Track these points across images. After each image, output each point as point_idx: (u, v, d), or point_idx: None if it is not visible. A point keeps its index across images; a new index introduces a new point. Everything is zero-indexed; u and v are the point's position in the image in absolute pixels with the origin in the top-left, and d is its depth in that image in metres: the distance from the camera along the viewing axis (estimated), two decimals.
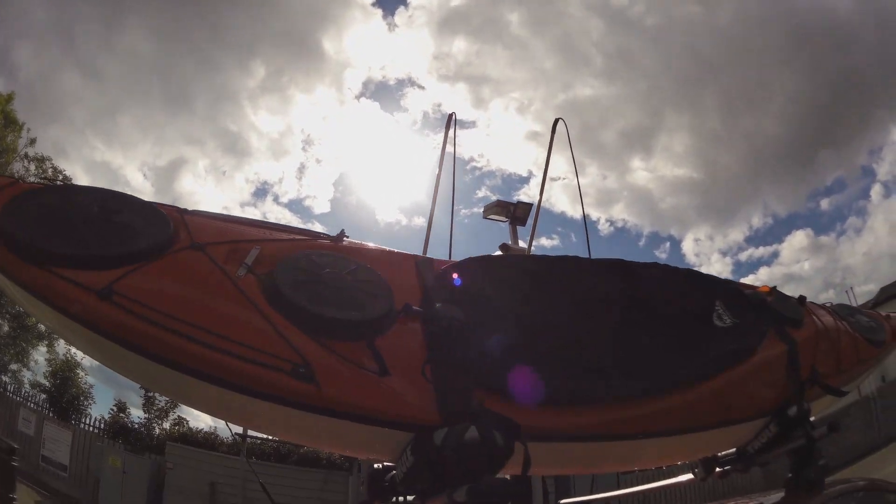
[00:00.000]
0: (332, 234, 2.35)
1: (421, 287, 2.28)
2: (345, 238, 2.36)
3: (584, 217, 4.06)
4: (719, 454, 3.27)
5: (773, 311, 3.18)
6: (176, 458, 13.15)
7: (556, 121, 5.50)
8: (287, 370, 1.73)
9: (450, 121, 5.72)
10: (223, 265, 1.91)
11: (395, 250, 2.54)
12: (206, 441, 14.60)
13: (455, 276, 2.46)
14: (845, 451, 14.23)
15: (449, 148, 5.46)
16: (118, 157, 40.71)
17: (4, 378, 16.31)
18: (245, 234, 2.14)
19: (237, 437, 9.75)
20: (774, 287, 3.39)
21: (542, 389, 2.18)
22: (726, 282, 3.40)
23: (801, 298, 3.50)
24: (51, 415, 15.24)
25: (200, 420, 19.33)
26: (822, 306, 3.71)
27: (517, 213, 8.43)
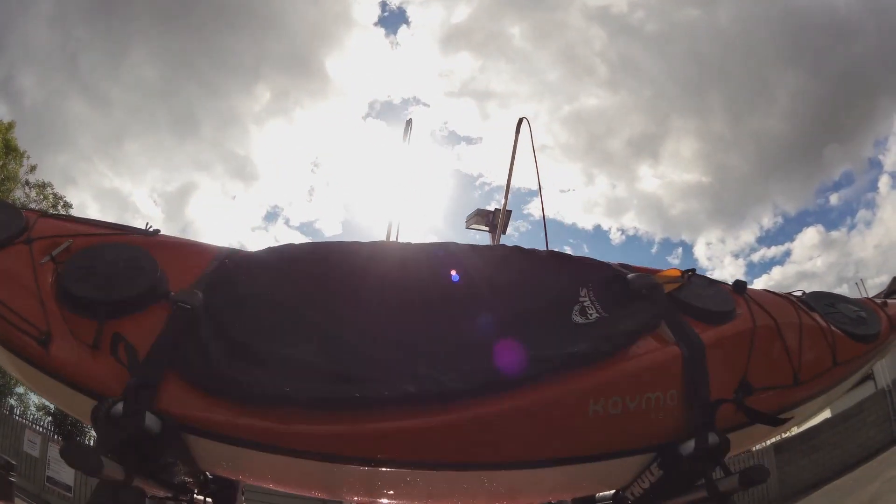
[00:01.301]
0: (147, 231, 2.56)
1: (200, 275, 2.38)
2: (158, 233, 2.55)
3: (544, 213, 3.81)
4: (597, 495, 2.65)
5: (677, 301, 2.47)
6: None
7: (521, 120, 5.40)
8: (35, 336, 1.99)
9: (408, 126, 5.81)
10: (39, 254, 2.23)
11: (212, 244, 2.61)
12: None
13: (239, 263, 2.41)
14: (860, 448, 13.81)
15: (409, 152, 5.50)
16: (127, 183, 41.53)
17: (10, 401, 16.55)
18: (71, 231, 2.43)
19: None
20: (689, 271, 2.69)
21: (252, 387, 1.94)
22: (600, 265, 2.68)
23: (738, 284, 2.76)
24: (55, 437, 15.34)
25: None
26: (784, 296, 2.98)
27: (496, 221, 8.34)
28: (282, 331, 2.18)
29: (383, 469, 2.02)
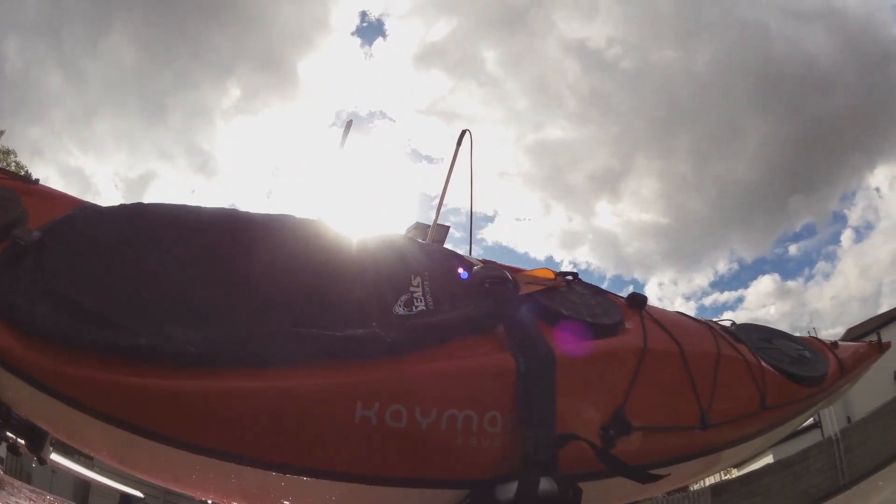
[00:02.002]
0: (28, 178, 2.68)
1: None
2: (38, 182, 2.59)
3: (471, 228, 3.66)
4: None
5: (538, 305, 2.03)
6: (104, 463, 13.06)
7: (463, 132, 5.31)
8: None
9: (348, 127, 5.79)
10: None
11: (85, 200, 2.61)
12: None
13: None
14: (803, 495, 13.62)
15: (347, 154, 5.50)
16: (92, 163, 41.61)
17: None
18: None
19: None
20: (569, 274, 2.26)
21: (27, 317, 1.81)
22: (446, 254, 2.27)
23: (635, 298, 2.31)
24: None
25: None
26: (702, 321, 2.50)
27: (434, 237, 8.37)
28: (88, 278, 2.07)
29: (106, 424, 1.74)
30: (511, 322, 1.91)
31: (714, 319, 2.68)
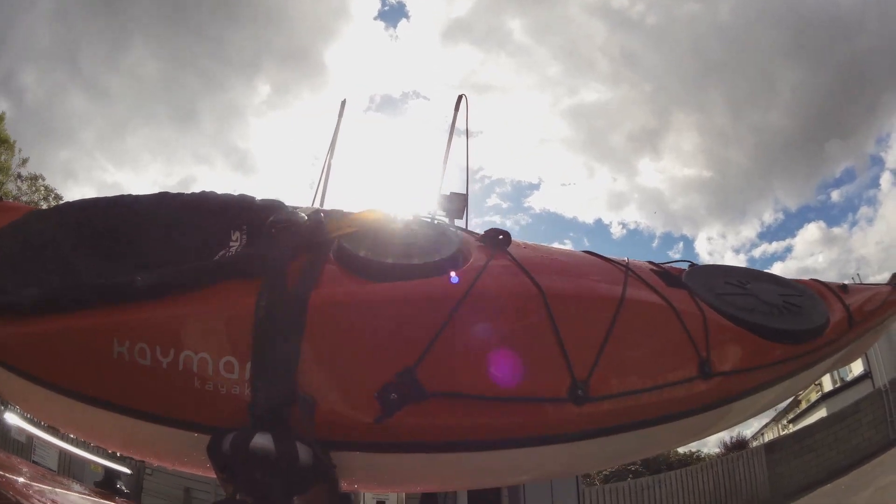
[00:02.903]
0: None
1: None
2: (1, 200, 2.91)
3: (467, 192, 3.68)
4: None
5: (342, 251, 1.88)
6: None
7: (460, 97, 5.22)
8: None
9: (342, 107, 5.77)
10: None
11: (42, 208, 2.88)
12: None
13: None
14: (855, 450, 13.39)
15: (342, 133, 5.48)
16: (129, 176, 42.11)
17: None
18: None
19: None
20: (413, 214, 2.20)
21: None
22: (270, 205, 2.12)
23: (491, 235, 1.97)
24: (42, 423, 15.59)
25: None
26: (624, 263, 2.04)
27: (454, 206, 8.22)
28: (9, 261, 2.21)
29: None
30: (273, 264, 1.80)
31: (668, 263, 2.25)
